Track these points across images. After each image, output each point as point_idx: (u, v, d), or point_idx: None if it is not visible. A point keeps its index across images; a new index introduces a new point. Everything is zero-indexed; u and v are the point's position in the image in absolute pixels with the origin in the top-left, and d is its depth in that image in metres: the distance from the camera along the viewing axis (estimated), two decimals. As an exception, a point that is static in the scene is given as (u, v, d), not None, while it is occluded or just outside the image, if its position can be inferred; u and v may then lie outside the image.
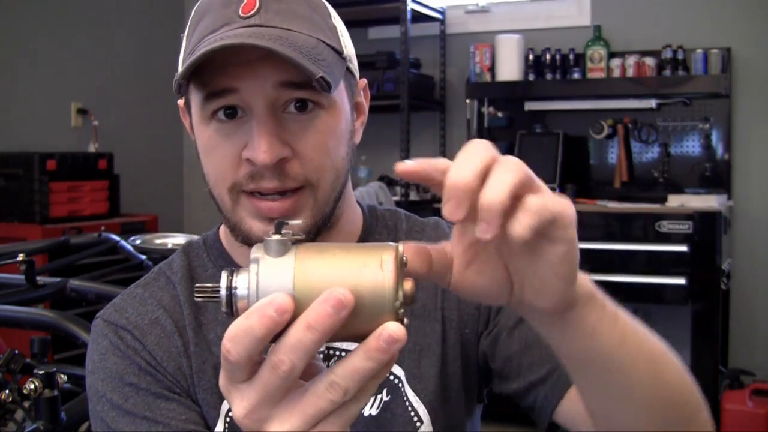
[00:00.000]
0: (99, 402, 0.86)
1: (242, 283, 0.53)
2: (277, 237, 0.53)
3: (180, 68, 0.83)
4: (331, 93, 0.78)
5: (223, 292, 0.53)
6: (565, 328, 0.61)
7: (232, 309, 0.53)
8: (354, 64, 0.88)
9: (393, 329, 0.50)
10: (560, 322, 0.61)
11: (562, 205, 0.54)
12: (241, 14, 0.78)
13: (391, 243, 0.54)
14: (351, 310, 0.50)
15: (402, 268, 0.52)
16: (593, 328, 0.61)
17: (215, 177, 0.83)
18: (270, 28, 0.77)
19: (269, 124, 0.78)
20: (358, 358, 0.50)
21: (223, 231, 0.95)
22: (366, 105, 0.93)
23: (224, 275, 0.53)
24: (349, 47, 0.86)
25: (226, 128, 0.80)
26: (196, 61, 0.74)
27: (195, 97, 0.82)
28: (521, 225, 0.52)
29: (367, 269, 0.51)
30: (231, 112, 0.79)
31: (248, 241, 0.82)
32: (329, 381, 0.51)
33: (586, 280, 0.60)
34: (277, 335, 0.51)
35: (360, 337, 0.52)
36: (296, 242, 0.54)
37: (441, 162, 0.54)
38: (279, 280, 0.52)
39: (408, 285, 0.52)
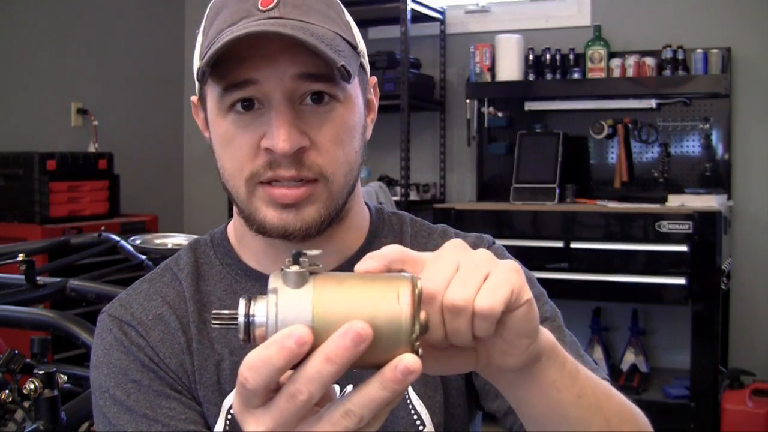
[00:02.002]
0: (102, 396, 0.87)
1: (260, 311, 0.54)
2: (295, 268, 0.54)
3: (198, 60, 0.84)
4: (350, 83, 0.81)
5: (241, 319, 0.54)
6: (531, 383, 0.64)
7: (249, 336, 0.54)
8: (366, 61, 0.90)
9: (409, 361, 0.52)
10: (526, 378, 0.63)
11: (509, 280, 0.57)
12: (260, 7, 0.80)
13: (406, 275, 0.55)
14: (369, 343, 0.51)
15: (418, 300, 0.53)
16: (554, 381, 0.64)
17: (232, 168, 0.84)
18: (290, 20, 0.79)
19: (288, 114, 0.79)
20: (373, 388, 0.52)
21: (230, 228, 0.96)
22: (376, 102, 0.95)
23: (242, 303, 0.54)
24: (361, 43, 0.88)
25: (243, 119, 0.81)
26: (222, 47, 0.76)
27: (212, 90, 0.83)
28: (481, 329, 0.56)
29: (383, 302, 0.53)
30: (248, 104, 0.81)
31: (263, 230, 0.84)
32: (345, 409, 0.52)
33: (546, 332, 0.63)
34: (295, 365, 0.52)
35: (376, 366, 0.53)
36: (312, 273, 0.54)
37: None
38: (298, 312, 0.53)
39: (423, 316, 0.54)
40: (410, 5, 3.86)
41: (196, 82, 0.86)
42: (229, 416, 0.87)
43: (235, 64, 0.79)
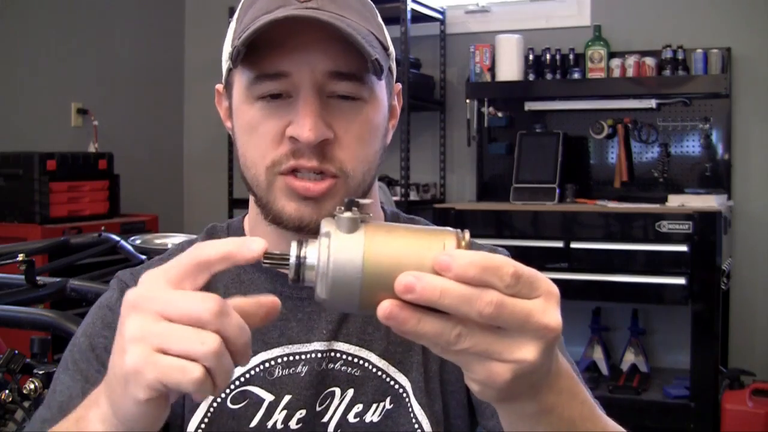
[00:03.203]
0: (72, 344, 0.89)
1: (312, 253, 0.56)
2: (348, 214, 0.56)
3: (230, 45, 0.85)
4: (380, 79, 0.82)
5: (292, 260, 0.56)
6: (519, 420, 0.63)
7: (299, 277, 0.56)
8: (394, 65, 0.91)
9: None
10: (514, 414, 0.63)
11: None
12: None
13: (451, 229, 0.57)
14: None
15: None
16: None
17: (254, 156, 0.84)
18: (327, 12, 0.79)
19: (316, 104, 0.80)
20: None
21: (247, 220, 0.97)
22: (398, 109, 0.95)
23: (294, 245, 0.56)
24: (391, 47, 0.89)
25: (270, 107, 0.82)
26: (261, 27, 0.76)
27: (241, 76, 0.83)
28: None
29: (431, 252, 0.54)
30: (277, 95, 0.81)
31: (278, 220, 0.84)
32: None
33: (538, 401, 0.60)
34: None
35: None
36: (363, 221, 0.57)
37: None
38: (349, 256, 0.55)
39: None
40: (410, 5, 3.86)
41: (224, 70, 0.87)
42: (212, 408, 0.87)
43: (268, 52, 0.79)
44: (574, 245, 3.45)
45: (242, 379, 0.87)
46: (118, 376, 0.57)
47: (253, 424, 0.86)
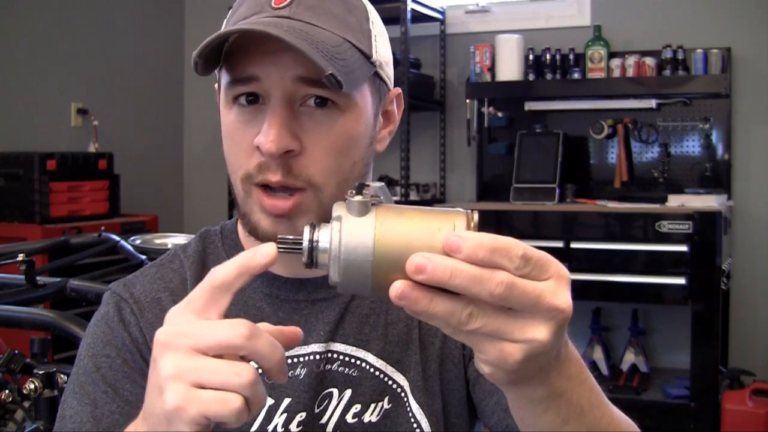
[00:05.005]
0: (77, 365, 0.88)
1: (324, 237, 0.57)
2: (359, 198, 0.57)
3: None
4: (342, 91, 0.78)
5: (305, 244, 0.58)
6: (524, 405, 0.64)
7: (312, 260, 0.58)
8: (386, 72, 0.88)
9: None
10: (525, 401, 0.64)
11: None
12: (273, 5, 0.80)
13: (462, 209, 0.58)
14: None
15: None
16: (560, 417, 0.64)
17: (232, 164, 0.85)
18: (295, 21, 0.78)
19: (282, 114, 0.79)
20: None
21: (240, 222, 0.96)
22: (398, 114, 0.93)
23: (307, 229, 0.58)
24: (382, 54, 0.86)
25: (245, 113, 0.81)
26: (209, 42, 0.76)
27: (222, 80, 0.84)
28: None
29: (441, 233, 0.55)
30: (252, 99, 0.81)
31: (254, 233, 0.84)
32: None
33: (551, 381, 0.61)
34: None
35: None
36: (374, 204, 0.58)
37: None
38: (360, 239, 0.56)
39: None
40: (410, 5, 3.87)
41: (215, 74, 0.87)
42: None
43: (240, 57, 0.79)
44: (574, 245, 3.45)
45: None
46: (160, 416, 0.58)
47: (254, 428, 0.86)
